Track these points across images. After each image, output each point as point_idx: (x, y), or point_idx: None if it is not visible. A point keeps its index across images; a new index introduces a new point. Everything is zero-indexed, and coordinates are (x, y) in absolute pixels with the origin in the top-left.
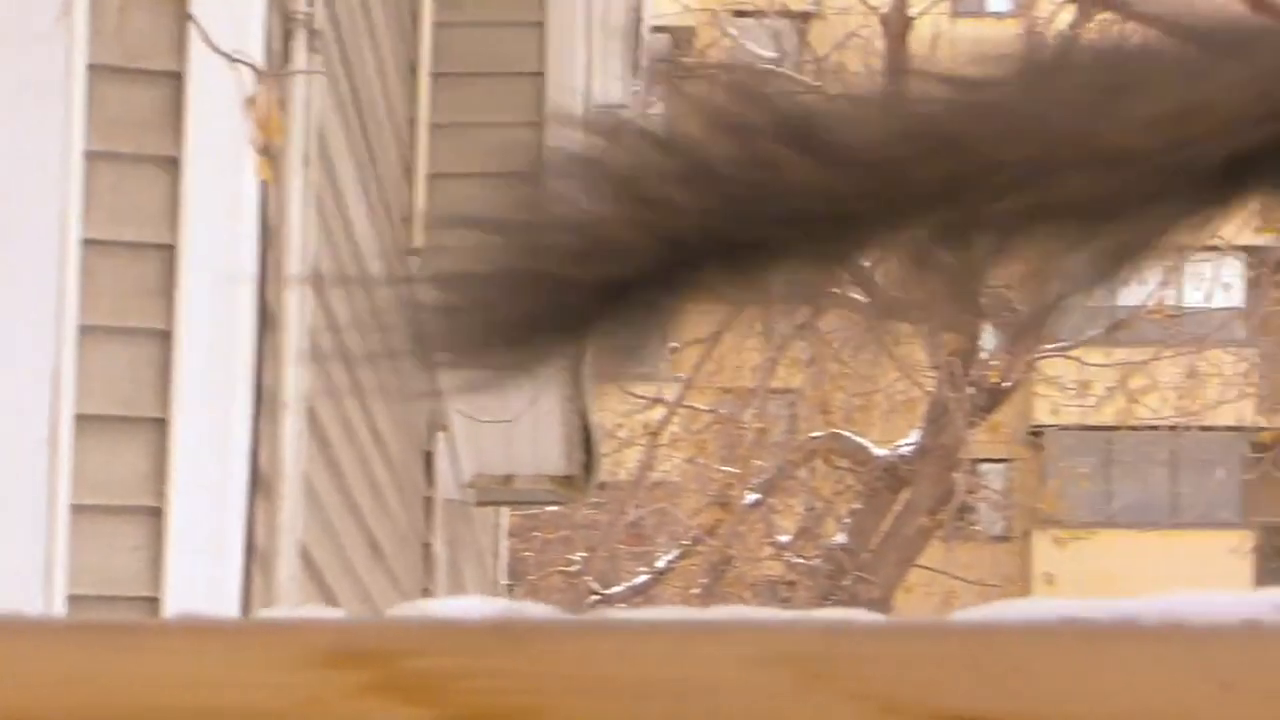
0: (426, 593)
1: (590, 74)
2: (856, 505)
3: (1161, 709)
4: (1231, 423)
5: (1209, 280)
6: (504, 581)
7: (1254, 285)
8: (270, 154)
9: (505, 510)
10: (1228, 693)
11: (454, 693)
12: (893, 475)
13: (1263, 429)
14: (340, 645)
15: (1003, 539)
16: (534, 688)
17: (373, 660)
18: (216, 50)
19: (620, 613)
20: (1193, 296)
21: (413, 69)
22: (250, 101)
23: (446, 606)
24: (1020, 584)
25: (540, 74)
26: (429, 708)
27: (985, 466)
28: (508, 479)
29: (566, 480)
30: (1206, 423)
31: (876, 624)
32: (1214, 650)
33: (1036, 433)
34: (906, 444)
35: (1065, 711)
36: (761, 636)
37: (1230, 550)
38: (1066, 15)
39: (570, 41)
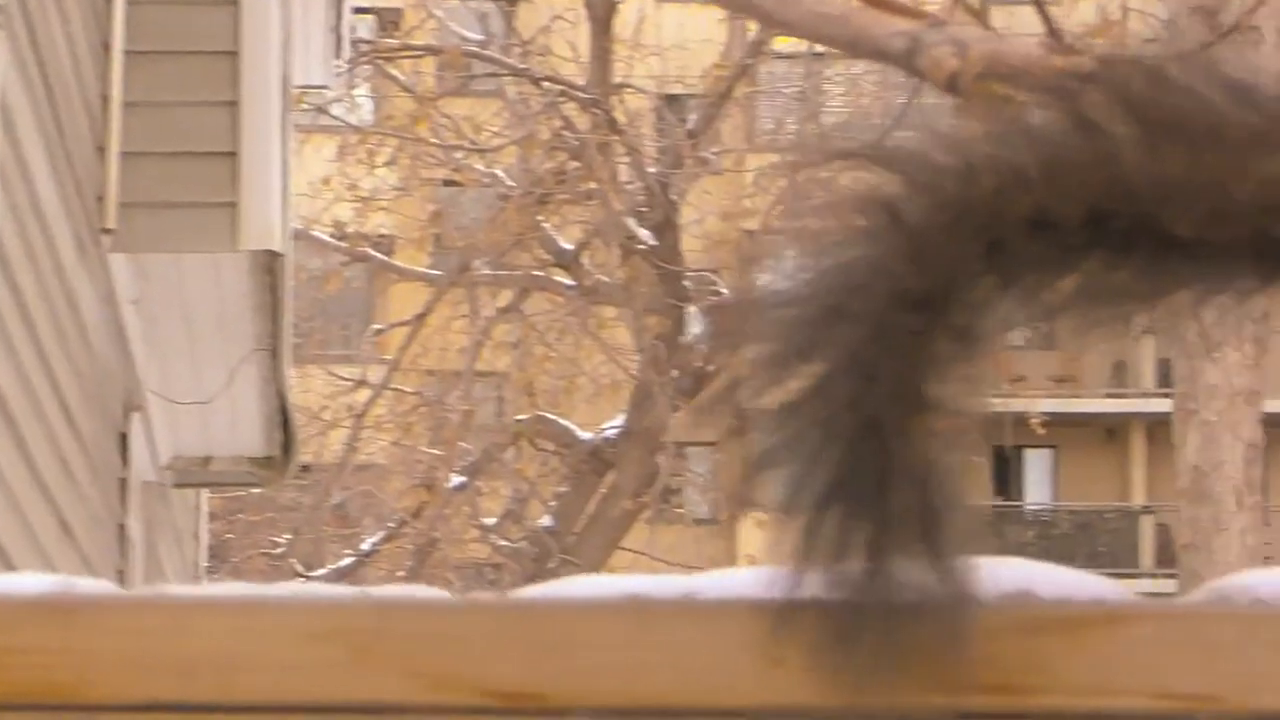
0: (121, 575)
1: (289, 54)
2: (562, 488)
3: (712, 684)
4: None
5: None
6: (205, 564)
7: None
8: None
9: (206, 492)
10: (776, 667)
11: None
12: (598, 458)
13: None
14: None
15: (708, 522)
16: (82, 663)
17: None
18: None
19: (175, 588)
20: None
21: (105, 46)
22: None
23: None
24: (726, 566)
25: (235, 53)
26: None
27: (690, 450)
28: (206, 460)
29: (266, 461)
30: None
31: (432, 601)
32: (765, 625)
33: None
34: (611, 427)
35: (617, 686)
36: (316, 612)
37: None
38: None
39: (266, 20)
